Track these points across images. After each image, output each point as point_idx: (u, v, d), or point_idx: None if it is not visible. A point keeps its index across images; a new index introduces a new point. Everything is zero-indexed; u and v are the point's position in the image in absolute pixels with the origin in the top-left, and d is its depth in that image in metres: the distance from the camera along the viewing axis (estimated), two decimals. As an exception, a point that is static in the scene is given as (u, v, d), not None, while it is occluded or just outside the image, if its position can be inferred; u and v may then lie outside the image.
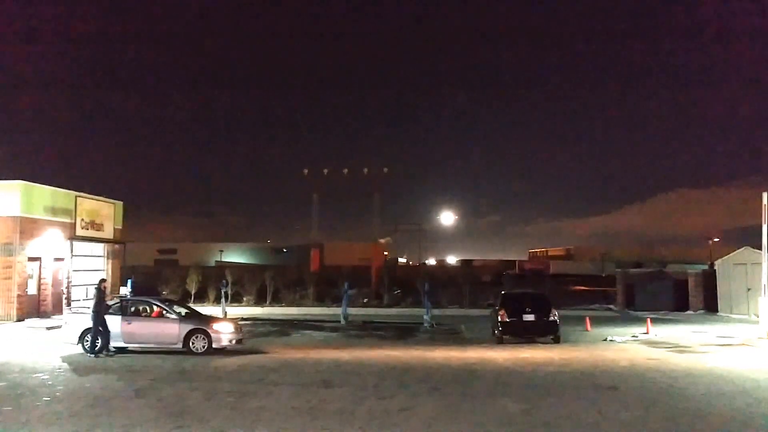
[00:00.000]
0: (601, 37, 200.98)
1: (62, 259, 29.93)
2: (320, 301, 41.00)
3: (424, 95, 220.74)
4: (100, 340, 17.89)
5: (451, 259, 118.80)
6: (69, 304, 29.55)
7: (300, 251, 77.81)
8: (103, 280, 19.68)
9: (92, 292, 18.68)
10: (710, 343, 21.03)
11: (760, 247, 23.12)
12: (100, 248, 33.84)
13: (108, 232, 34.16)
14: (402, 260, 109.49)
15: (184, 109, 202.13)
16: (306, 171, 59.40)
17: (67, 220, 30.42)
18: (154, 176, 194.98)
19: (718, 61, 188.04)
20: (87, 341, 18.15)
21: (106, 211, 34.27)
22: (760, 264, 23.22)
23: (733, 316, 31.29)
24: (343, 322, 29.00)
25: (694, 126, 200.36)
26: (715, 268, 34.59)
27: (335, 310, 33.01)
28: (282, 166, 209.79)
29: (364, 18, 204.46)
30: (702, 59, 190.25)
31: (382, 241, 70.63)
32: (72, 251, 30.51)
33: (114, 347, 18.67)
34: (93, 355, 17.62)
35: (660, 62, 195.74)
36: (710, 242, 76.94)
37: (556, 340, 21.88)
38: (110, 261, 34.36)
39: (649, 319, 26.13)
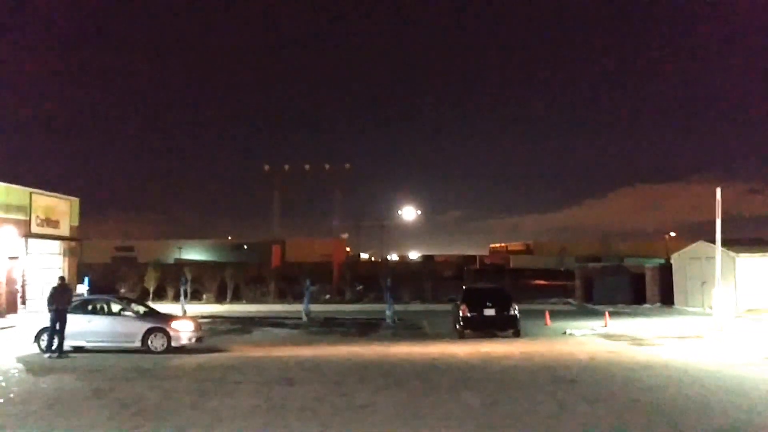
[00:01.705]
0: (559, 36, 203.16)
1: (17, 258, 29.30)
2: (281, 297, 40.79)
3: (386, 92, 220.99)
4: (56, 340, 17.52)
5: (414, 255, 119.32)
6: (24, 303, 28.98)
7: (261, 248, 77.37)
8: (62, 278, 19.32)
9: (50, 290, 18.10)
10: (667, 335, 21.41)
11: (714, 241, 23.56)
12: (56, 246, 33.22)
13: (64, 230, 33.55)
14: (364, 256, 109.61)
15: (141, 104, 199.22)
16: (267, 167, 59.25)
17: (22, 217, 29.81)
18: (112, 172, 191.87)
19: (676, 59, 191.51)
20: (43, 341, 17.80)
21: (62, 208, 33.66)
22: (714, 258, 23.68)
23: (689, 309, 31.88)
24: (304, 318, 28.88)
25: (652, 123, 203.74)
26: (672, 262, 35.20)
27: (297, 307, 32.85)
28: (242, 162, 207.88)
29: (327, 15, 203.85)
30: (659, 57, 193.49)
31: (343, 236, 70.61)
32: (27, 249, 29.90)
33: (71, 346, 18.32)
34: (56, 355, 17.24)
35: (618, 60, 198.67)
36: (667, 237, 78.36)
37: (517, 334, 22.09)
38: (67, 259, 33.76)
39: (607, 313, 26.54)
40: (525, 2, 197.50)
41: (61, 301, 17.68)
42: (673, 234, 79.62)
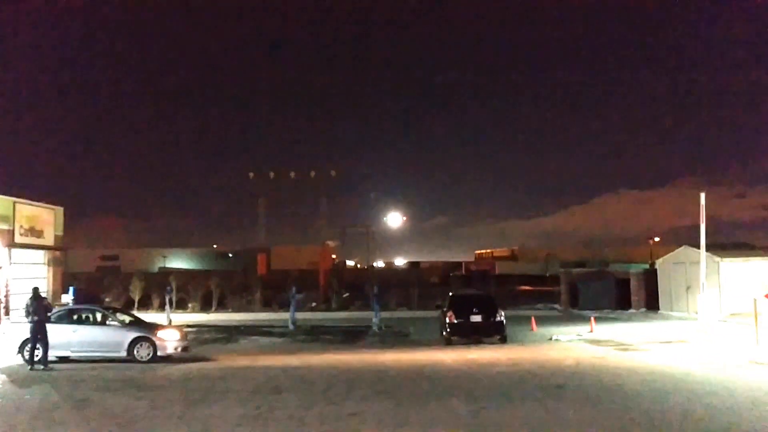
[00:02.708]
0: (542, 43, 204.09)
1: (0, 268, 29.04)
2: (267, 306, 40.65)
3: (372, 98, 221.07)
4: (40, 350, 17.34)
5: (400, 261, 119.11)
6: (8, 314, 28.72)
7: (246, 256, 77.17)
8: (37, 288, 18.92)
9: (26, 302, 17.83)
10: (652, 340, 21.54)
11: (698, 246, 23.74)
12: (40, 255, 32.97)
13: (48, 239, 33.31)
14: (350, 263, 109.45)
15: (124, 111, 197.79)
16: (252, 174, 59.16)
17: (5, 227, 29.58)
18: (95, 181, 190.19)
19: (659, 66, 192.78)
20: (27, 352, 17.62)
21: (46, 217, 33.43)
22: (699, 263, 23.85)
23: (674, 313, 32.09)
24: (291, 327, 28.78)
25: (636, 128, 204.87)
26: (656, 267, 35.41)
27: (283, 315, 32.78)
28: (227, 169, 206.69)
29: (310, 20, 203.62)
30: (642, 63, 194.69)
31: (329, 243, 70.42)
32: (11, 259, 29.65)
33: (56, 357, 18.17)
34: (42, 367, 17.03)
35: (602, 67, 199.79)
36: (651, 242, 78.74)
37: (503, 341, 22.15)
38: (51, 268, 33.50)
39: (593, 318, 26.64)
40: (508, 11, 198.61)
41: (38, 312, 17.48)
42: (657, 239, 80.00)
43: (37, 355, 17.26)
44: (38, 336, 17.23)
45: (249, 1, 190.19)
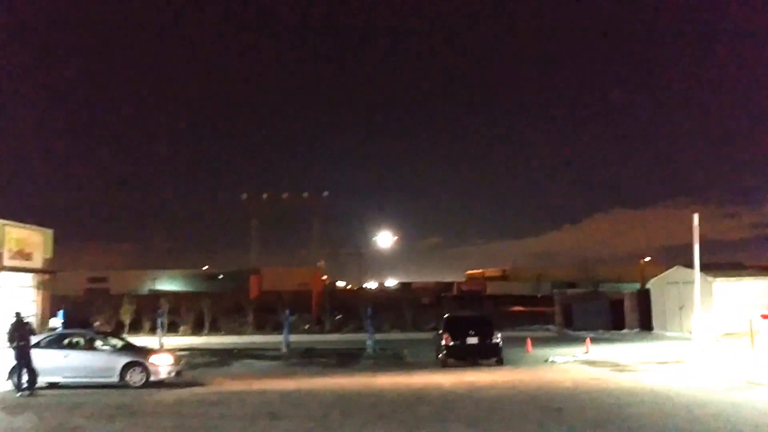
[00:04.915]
0: (535, 64, 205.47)
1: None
2: (260, 328, 40.34)
3: (365, 118, 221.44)
4: (27, 376, 17.03)
5: (390, 282, 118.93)
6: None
7: (237, 277, 76.72)
8: (18, 313, 18.43)
9: (9, 327, 17.45)
10: (648, 361, 21.46)
11: (691, 266, 23.72)
12: (28, 279, 32.60)
13: (37, 262, 32.96)
14: (341, 284, 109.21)
15: (113, 131, 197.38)
16: (244, 196, 59.03)
17: (-6, 249, 29.26)
18: (83, 201, 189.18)
19: (650, 86, 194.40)
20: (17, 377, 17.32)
21: (36, 240, 33.11)
22: (692, 282, 23.80)
23: (668, 333, 32.06)
24: (284, 350, 28.55)
25: (628, 148, 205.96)
26: (649, 287, 35.41)
27: (276, 338, 32.49)
28: (219, 190, 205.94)
29: (301, 42, 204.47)
30: (633, 85, 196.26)
31: (319, 264, 70.29)
32: (-1, 283, 29.32)
33: (46, 383, 17.88)
34: (28, 393, 16.73)
35: (592, 85, 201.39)
36: (642, 261, 78.92)
37: (500, 363, 21.99)
38: (40, 292, 33.12)
39: (588, 339, 26.54)
40: (498, 31, 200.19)
41: (22, 337, 17.19)
42: (648, 258, 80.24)
43: (23, 381, 16.97)
44: (23, 362, 16.96)
45: (235, 25, 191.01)
